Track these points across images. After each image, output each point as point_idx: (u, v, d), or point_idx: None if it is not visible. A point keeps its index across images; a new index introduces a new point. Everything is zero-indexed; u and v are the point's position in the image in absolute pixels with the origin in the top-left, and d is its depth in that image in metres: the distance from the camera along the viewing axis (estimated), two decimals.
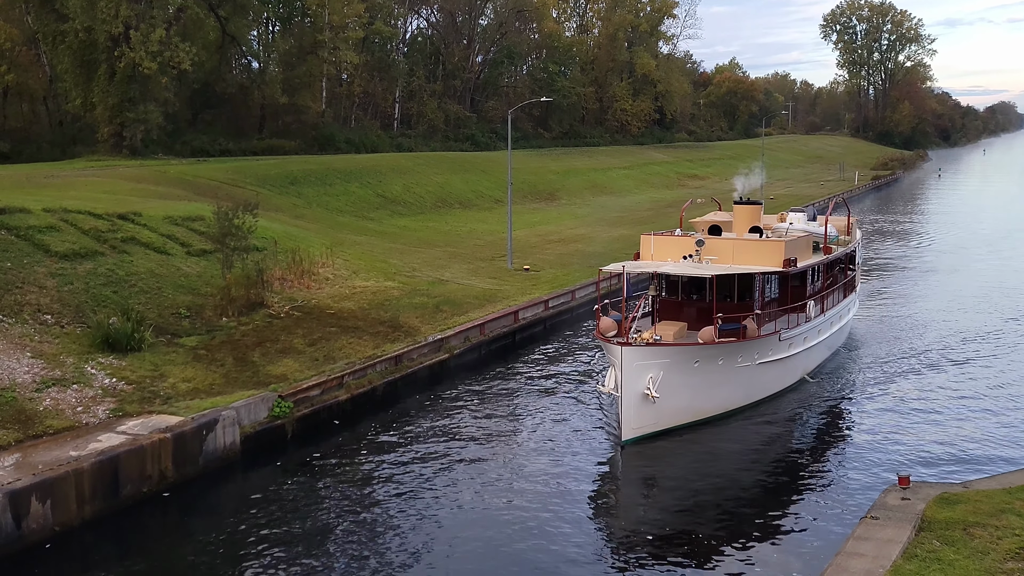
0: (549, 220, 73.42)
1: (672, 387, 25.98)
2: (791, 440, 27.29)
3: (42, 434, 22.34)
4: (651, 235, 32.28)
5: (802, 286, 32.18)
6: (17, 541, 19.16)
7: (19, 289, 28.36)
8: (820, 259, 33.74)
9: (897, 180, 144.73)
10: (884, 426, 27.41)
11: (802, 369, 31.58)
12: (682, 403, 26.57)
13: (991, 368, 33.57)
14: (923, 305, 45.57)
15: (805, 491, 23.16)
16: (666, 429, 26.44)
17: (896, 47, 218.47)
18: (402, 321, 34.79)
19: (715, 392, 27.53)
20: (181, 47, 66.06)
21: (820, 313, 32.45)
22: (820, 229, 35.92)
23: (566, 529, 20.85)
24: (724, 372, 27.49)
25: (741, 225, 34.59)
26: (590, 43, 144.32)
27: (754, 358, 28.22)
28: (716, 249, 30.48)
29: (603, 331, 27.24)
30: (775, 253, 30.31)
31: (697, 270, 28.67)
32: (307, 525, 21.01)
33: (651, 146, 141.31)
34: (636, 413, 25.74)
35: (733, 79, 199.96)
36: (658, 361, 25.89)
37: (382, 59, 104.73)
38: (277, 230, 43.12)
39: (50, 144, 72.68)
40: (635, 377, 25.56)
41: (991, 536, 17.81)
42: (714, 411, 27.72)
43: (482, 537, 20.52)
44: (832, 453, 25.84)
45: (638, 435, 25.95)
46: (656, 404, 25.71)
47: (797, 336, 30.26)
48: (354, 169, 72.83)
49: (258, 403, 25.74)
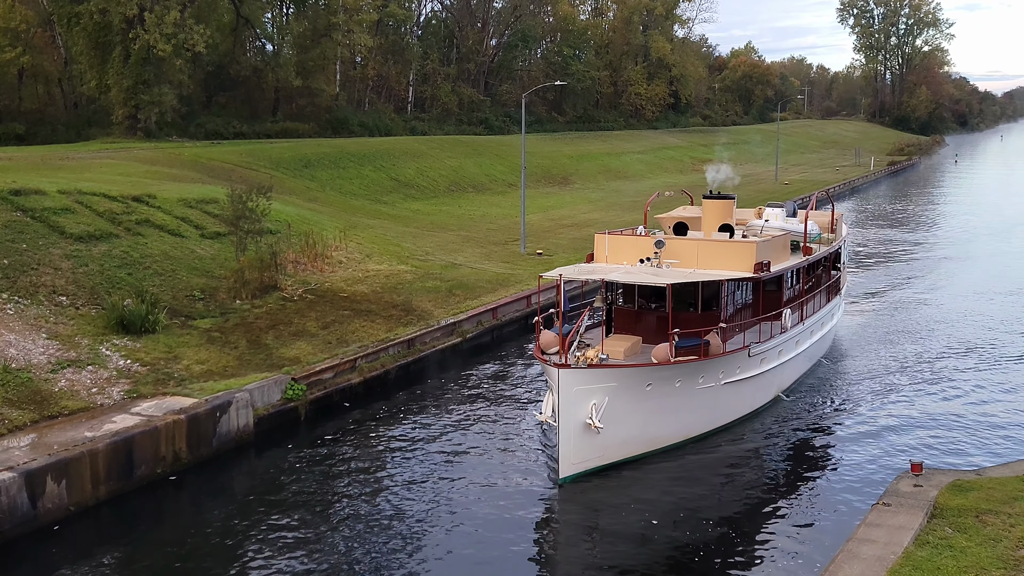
0: (563, 204, 73.30)
1: (620, 415, 22.41)
2: (791, 439, 26.37)
3: (57, 415, 22.52)
4: (606, 234, 28.45)
5: (778, 292, 28.63)
6: (33, 520, 19.34)
7: (35, 270, 28.52)
8: (798, 261, 30.11)
9: (914, 166, 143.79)
10: (894, 415, 27.22)
11: (777, 387, 28.20)
12: (632, 433, 23.06)
13: (1005, 355, 33.37)
14: (932, 292, 45.33)
15: (815, 478, 23.12)
16: (614, 463, 23.00)
17: (914, 31, 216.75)
18: (415, 305, 34.84)
19: (672, 418, 23.95)
20: (195, 29, 66.14)
21: (799, 322, 28.90)
22: (799, 227, 31.86)
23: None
24: (683, 395, 23.92)
25: (710, 222, 30.20)
26: (605, 26, 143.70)
27: (719, 378, 24.71)
28: (678, 251, 26.84)
29: (544, 348, 23.76)
30: (745, 256, 26.53)
31: (651, 277, 24.52)
32: (319, 507, 21.12)
33: (665, 130, 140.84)
34: (576, 446, 22.05)
35: (749, 63, 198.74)
36: (603, 385, 22.21)
37: (396, 42, 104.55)
38: (291, 213, 43.20)
39: (65, 126, 73.02)
40: (575, 404, 21.83)
41: (1003, 523, 17.76)
42: (671, 440, 24.20)
43: (479, 515, 20.60)
44: (842, 441, 25.66)
45: (578, 471, 22.31)
46: (600, 435, 22.14)
47: (770, 350, 26.85)
48: (368, 152, 72.84)
49: (271, 385, 25.85)
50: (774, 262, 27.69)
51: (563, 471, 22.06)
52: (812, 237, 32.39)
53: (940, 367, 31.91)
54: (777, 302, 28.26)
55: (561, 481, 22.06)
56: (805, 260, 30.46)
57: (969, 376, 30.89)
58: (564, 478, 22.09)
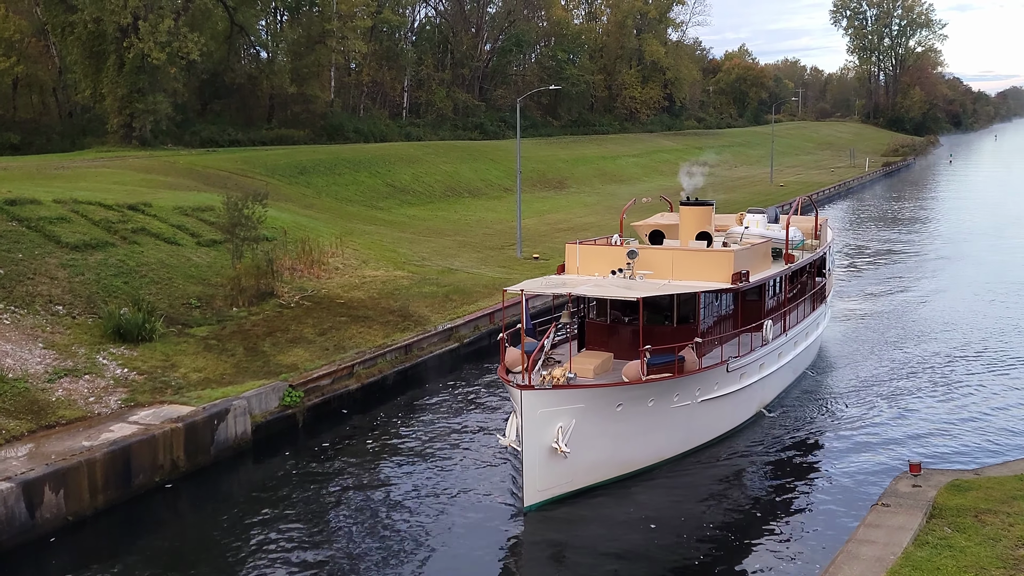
0: (558, 208, 73.34)
1: (588, 438, 21.02)
2: (780, 448, 25.69)
3: (55, 424, 22.47)
4: (577, 244, 27.12)
5: (758, 302, 27.55)
6: (31, 530, 19.28)
7: (31, 280, 28.48)
8: (780, 269, 28.74)
9: (908, 166, 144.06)
10: (889, 417, 27.12)
11: (758, 402, 26.94)
12: (602, 456, 21.73)
13: (1003, 355, 33.40)
14: (927, 292, 45.42)
15: (810, 483, 23.09)
16: (582, 488, 21.60)
17: (907, 32, 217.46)
18: (412, 310, 34.84)
19: (645, 440, 22.56)
20: (190, 37, 66.09)
21: (781, 333, 27.87)
22: (781, 233, 30.47)
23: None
24: (656, 415, 22.55)
25: (688, 230, 28.94)
26: (599, 30, 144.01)
27: (695, 395, 23.37)
28: (651, 261, 25.48)
29: (510, 366, 22.46)
30: (722, 265, 25.26)
31: (621, 291, 23.16)
32: (317, 513, 21.08)
33: (660, 133, 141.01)
34: (542, 472, 20.67)
35: (742, 65, 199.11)
36: (569, 407, 20.76)
37: (390, 48, 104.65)
38: (287, 220, 43.19)
39: (60, 135, 72.97)
40: (539, 427, 20.42)
41: (1003, 523, 17.76)
42: (644, 462, 22.84)
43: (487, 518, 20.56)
44: (840, 443, 25.62)
45: (544, 499, 20.94)
46: (568, 460, 20.72)
47: (751, 364, 25.60)
48: (363, 158, 72.86)
49: (269, 392, 25.82)
50: (754, 271, 26.37)
51: (528, 499, 20.70)
52: (795, 244, 31.01)
53: (936, 368, 31.86)
54: (758, 313, 27.17)
55: (526, 509, 20.70)
56: (787, 268, 29.16)
57: (966, 376, 30.87)
58: (529, 506, 20.72)
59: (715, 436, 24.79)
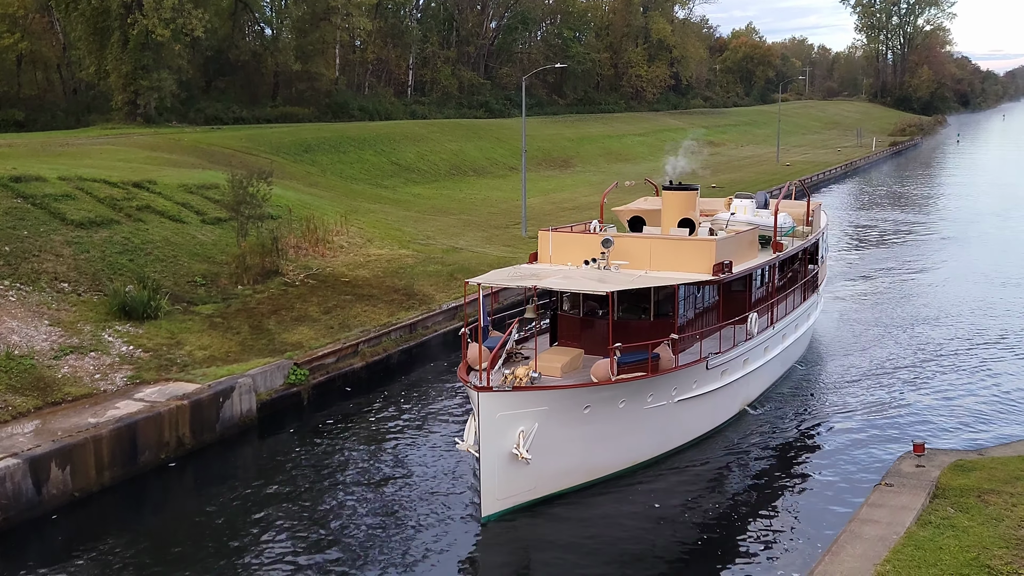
0: (564, 187, 73.16)
1: (553, 442, 19.48)
2: (787, 437, 25.80)
3: (61, 401, 22.57)
4: (550, 231, 25.27)
5: (743, 293, 25.90)
6: (37, 506, 19.41)
7: (36, 257, 28.52)
8: (767, 259, 27.01)
9: (916, 146, 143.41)
10: (890, 400, 27.06)
11: (742, 399, 25.30)
12: (568, 462, 20.19)
13: (1007, 336, 33.36)
14: (933, 273, 45.31)
15: (817, 460, 23.14)
16: (546, 496, 20.10)
17: (915, 11, 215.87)
18: (416, 289, 34.85)
19: (616, 444, 20.96)
20: (194, 14, 65.87)
21: (767, 326, 26.18)
22: (770, 220, 28.62)
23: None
24: (628, 417, 20.92)
25: (670, 216, 27.05)
26: (605, 8, 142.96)
27: (671, 395, 21.77)
28: (628, 251, 23.74)
29: (472, 364, 20.96)
30: (703, 255, 23.52)
31: (592, 283, 21.18)
32: (321, 491, 21.17)
33: (666, 112, 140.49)
34: (501, 480, 19.19)
35: (750, 44, 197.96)
36: (532, 410, 19.15)
37: (395, 25, 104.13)
38: (291, 198, 43.16)
39: (64, 112, 72.90)
40: (498, 432, 18.85)
41: (1005, 503, 17.79)
42: (615, 467, 21.30)
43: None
44: (842, 425, 25.59)
45: (504, 508, 19.43)
46: (530, 466, 19.19)
47: (733, 360, 23.99)
48: (368, 137, 72.70)
49: (274, 370, 25.89)
50: (738, 261, 24.78)
51: (486, 508, 19.17)
52: (785, 231, 29.38)
53: (941, 349, 31.83)
54: (743, 305, 25.58)
55: (484, 520, 19.21)
56: (775, 257, 27.44)
57: (970, 357, 30.83)
58: (487, 516, 19.22)
59: (694, 437, 23.31)
